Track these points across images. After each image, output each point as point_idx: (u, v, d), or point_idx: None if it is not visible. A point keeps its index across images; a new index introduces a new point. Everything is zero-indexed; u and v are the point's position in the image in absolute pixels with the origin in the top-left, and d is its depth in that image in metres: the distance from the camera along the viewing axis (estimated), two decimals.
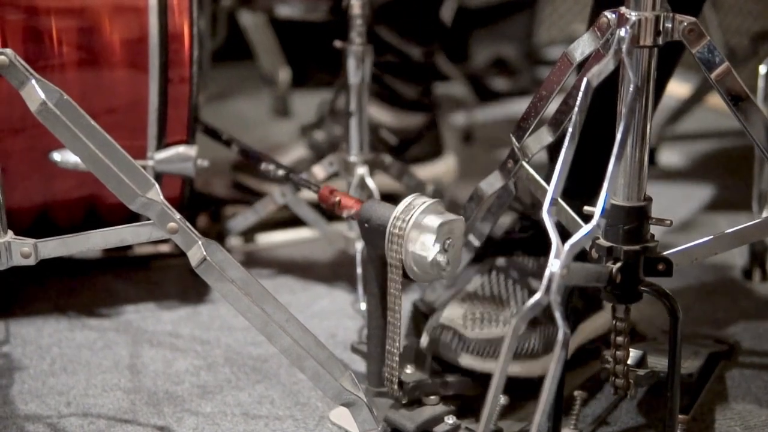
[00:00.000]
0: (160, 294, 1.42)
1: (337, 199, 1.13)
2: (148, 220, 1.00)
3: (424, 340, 1.16)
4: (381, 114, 1.70)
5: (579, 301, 1.21)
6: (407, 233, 1.03)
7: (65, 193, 1.32)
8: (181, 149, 1.31)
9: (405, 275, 1.05)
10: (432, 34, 1.75)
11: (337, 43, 1.41)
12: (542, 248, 0.94)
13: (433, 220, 1.03)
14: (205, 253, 0.99)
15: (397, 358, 1.07)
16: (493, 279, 1.21)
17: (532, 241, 1.23)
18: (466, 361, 1.13)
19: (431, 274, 1.04)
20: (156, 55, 1.26)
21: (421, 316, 1.27)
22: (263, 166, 1.39)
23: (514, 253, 1.23)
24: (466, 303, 1.18)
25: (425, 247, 1.03)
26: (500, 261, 1.23)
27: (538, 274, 1.19)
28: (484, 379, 1.10)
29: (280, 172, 1.37)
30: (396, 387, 1.08)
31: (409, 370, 1.11)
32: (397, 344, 1.07)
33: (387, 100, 1.71)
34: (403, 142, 1.70)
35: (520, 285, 1.20)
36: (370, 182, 1.41)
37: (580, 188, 1.15)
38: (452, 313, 1.17)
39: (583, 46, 0.99)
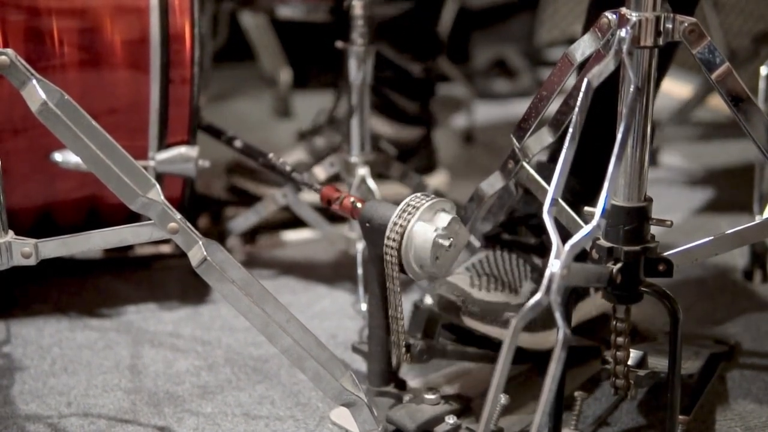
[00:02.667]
0: (161, 294, 1.42)
1: (339, 199, 1.13)
2: (149, 220, 1.00)
3: (430, 299, 1.16)
4: (381, 126, 1.71)
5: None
6: (408, 232, 1.03)
7: (66, 193, 1.32)
8: (182, 150, 1.31)
9: (406, 274, 1.05)
10: (431, 50, 1.78)
11: (339, 44, 1.41)
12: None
13: (435, 220, 1.03)
14: (205, 253, 0.99)
15: (403, 323, 1.07)
16: (497, 252, 1.22)
17: (535, 219, 1.23)
18: (471, 322, 1.13)
19: (432, 273, 1.04)
20: (157, 56, 1.26)
21: (421, 315, 1.27)
22: (262, 160, 1.39)
23: (518, 229, 1.24)
24: (471, 271, 1.19)
25: (426, 246, 1.03)
26: (505, 236, 1.24)
27: (540, 250, 1.21)
28: (490, 346, 1.10)
29: (287, 168, 1.37)
30: (403, 351, 1.08)
31: (414, 340, 1.11)
32: (401, 311, 1.07)
33: (387, 113, 1.72)
34: (402, 154, 1.70)
35: (523, 259, 1.21)
36: (371, 183, 1.41)
37: (584, 189, 1.16)
38: (459, 278, 1.17)
39: (584, 47, 0.99)
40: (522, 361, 1.13)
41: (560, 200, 0.98)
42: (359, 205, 1.10)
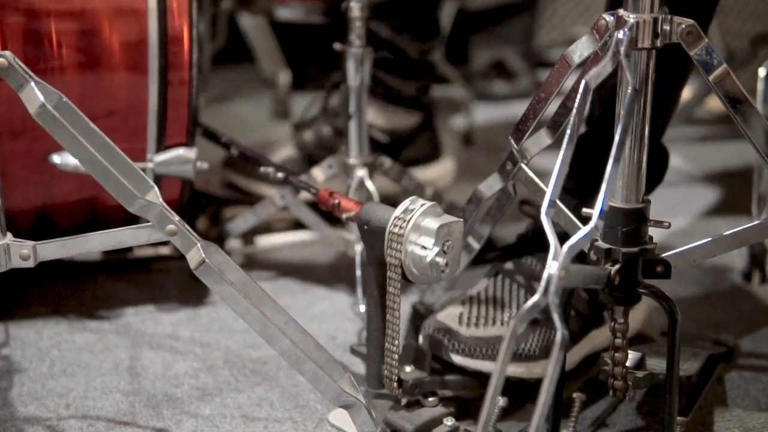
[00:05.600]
0: (159, 296, 1.42)
1: (337, 201, 1.13)
2: (148, 222, 1.00)
3: (421, 339, 1.16)
4: (373, 113, 1.67)
5: (587, 311, 1.20)
6: (406, 235, 1.03)
7: (65, 195, 1.32)
8: (180, 151, 1.31)
9: (404, 277, 1.05)
10: (428, 30, 1.73)
11: (337, 46, 1.41)
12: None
13: (432, 222, 1.03)
14: (204, 255, 0.99)
15: (397, 357, 1.07)
16: (498, 282, 1.22)
17: (542, 246, 1.22)
18: (458, 359, 1.13)
19: (430, 276, 1.04)
20: (155, 58, 1.26)
21: (420, 318, 1.27)
22: (263, 169, 1.39)
23: (523, 257, 1.23)
24: (467, 304, 1.19)
25: (424, 249, 1.03)
26: (508, 265, 1.23)
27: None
28: (483, 379, 1.10)
29: (280, 175, 1.37)
30: (395, 385, 1.08)
31: (408, 369, 1.11)
32: (397, 343, 1.07)
33: (381, 97, 1.68)
34: (396, 142, 1.67)
35: (525, 288, 1.20)
36: (370, 184, 1.41)
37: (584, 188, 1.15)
38: (450, 313, 1.17)
39: (582, 48, 0.99)
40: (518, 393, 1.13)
41: (558, 202, 0.98)
42: (357, 207, 1.10)
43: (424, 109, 1.74)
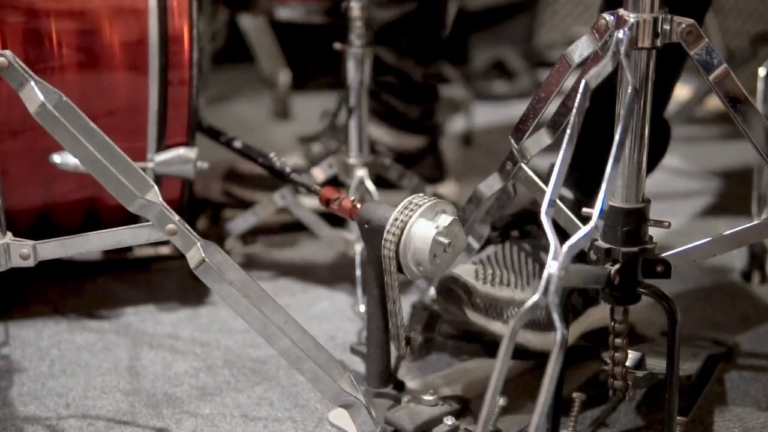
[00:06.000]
0: (159, 296, 1.42)
1: (337, 200, 1.13)
2: (148, 221, 1.00)
3: (433, 292, 1.15)
4: (380, 133, 1.67)
5: (576, 297, 1.21)
6: (407, 233, 1.03)
7: (65, 194, 1.32)
8: (181, 151, 1.31)
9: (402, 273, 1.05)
10: (433, 55, 1.73)
11: (337, 46, 1.42)
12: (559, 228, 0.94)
13: (436, 219, 1.03)
14: (203, 254, 0.99)
15: (402, 316, 1.07)
16: (506, 248, 1.22)
17: None
18: (473, 315, 1.13)
19: (429, 272, 1.04)
20: (156, 58, 1.26)
21: (420, 317, 1.27)
22: (262, 160, 1.39)
23: (528, 227, 1.24)
24: (478, 264, 1.18)
25: (425, 241, 1.03)
26: (515, 233, 1.24)
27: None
28: (489, 345, 1.10)
29: (287, 169, 1.36)
30: (403, 344, 1.08)
31: (414, 334, 1.11)
32: (399, 305, 1.06)
33: (386, 120, 1.68)
34: (401, 161, 1.67)
35: (532, 257, 1.20)
36: (370, 184, 1.41)
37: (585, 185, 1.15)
38: (464, 269, 1.16)
39: (582, 48, 0.99)
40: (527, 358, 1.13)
41: (558, 201, 0.98)
42: (358, 206, 1.10)
43: (429, 132, 1.74)
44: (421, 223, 1.03)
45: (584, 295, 1.21)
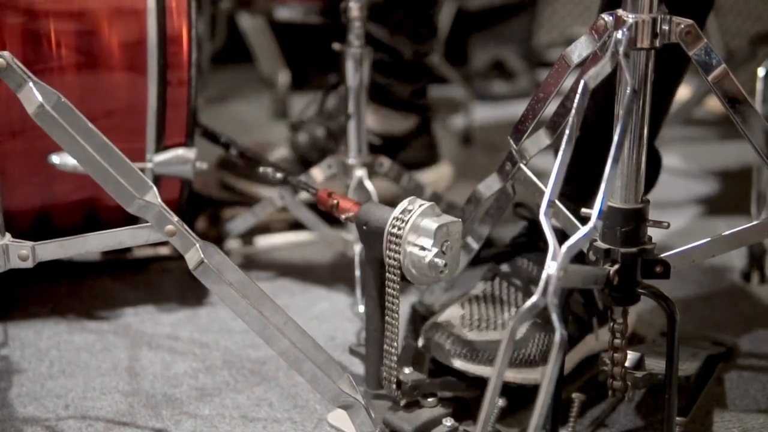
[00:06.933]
0: (159, 297, 1.42)
1: (336, 201, 1.13)
2: (147, 222, 1.00)
3: (421, 341, 1.16)
4: (368, 117, 1.66)
5: (584, 314, 1.20)
6: (405, 235, 1.03)
7: (64, 195, 1.32)
8: (179, 152, 1.31)
9: (403, 277, 1.05)
10: (424, 32, 1.72)
11: (336, 46, 1.41)
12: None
13: (431, 223, 1.03)
14: (202, 255, 0.99)
15: (395, 358, 1.07)
16: (496, 285, 1.21)
17: (537, 248, 1.22)
18: (459, 363, 1.13)
19: (429, 276, 1.04)
20: (154, 58, 1.26)
21: (419, 318, 1.27)
22: (261, 169, 1.39)
23: (518, 260, 1.23)
24: (466, 307, 1.18)
25: (423, 249, 1.03)
26: (504, 267, 1.23)
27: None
28: (481, 381, 1.10)
29: (279, 175, 1.37)
30: (394, 387, 1.08)
31: (407, 370, 1.11)
32: (395, 344, 1.07)
33: (376, 99, 1.67)
34: (390, 146, 1.66)
35: (523, 292, 1.20)
36: (369, 185, 1.41)
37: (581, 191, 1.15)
38: (450, 315, 1.17)
39: (581, 48, 0.99)
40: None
41: (557, 202, 0.98)
42: (356, 207, 1.10)
43: (421, 113, 1.72)
44: (411, 256, 1.03)
45: (578, 323, 1.20)
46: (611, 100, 0.97)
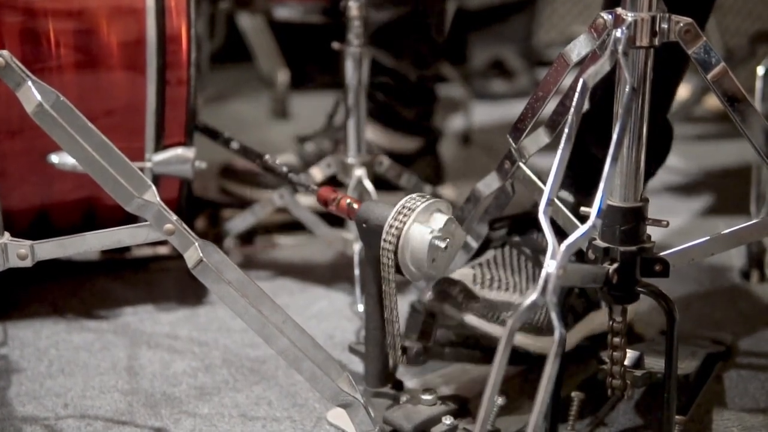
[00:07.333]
0: (158, 296, 1.42)
1: (335, 200, 1.13)
2: (146, 221, 1.00)
3: (430, 294, 1.15)
4: (375, 135, 1.66)
5: (578, 301, 1.20)
6: (405, 233, 1.03)
7: (63, 194, 1.32)
8: (179, 151, 1.31)
9: (397, 269, 1.05)
10: (431, 57, 1.72)
11: (335, 45, 1.41)
12: (558, 228, 0.93)
13: (431, 220, 1.03)
14: (201, 254, 0.99)
15: (398, 326, 1.07)
16: (506, 252, 1.22)
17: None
18: (471, 319, 1.12)
19: (429, 274, 1.04)
20: (154, 57, 1.26)
21: (418, 316, 1.27)
22: (259, 162, 1.39)
23: (528, 231, 1.23)
24: (477, 269, 1.18)
25: (422, 247, 1.03)
26: (515, 237, 1.23)
27: None
28: (487, 352, 1.10)
29: (284, 169, 1.36)
30: (399, 354, 1.08)
31: (410, 342, 1.10)
32: (396, 313, 1.06)
33: (381, 120, 1.67)
34: (395, 161, 1.67)
35: (532, 261, 1.20)
36: (368, 183, 1.41)
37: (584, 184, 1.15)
38: (462, 273, 1.16)
39: (580, 47, 0.99)
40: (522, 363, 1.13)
41: (556, 200, 0.98)
42: (356, 206, 1.10)
43: (426, 134, 1.73)
44: (416, 228, 1.03)
45: (586, 299, 1.21)
46: (610, 99, 0.97)
